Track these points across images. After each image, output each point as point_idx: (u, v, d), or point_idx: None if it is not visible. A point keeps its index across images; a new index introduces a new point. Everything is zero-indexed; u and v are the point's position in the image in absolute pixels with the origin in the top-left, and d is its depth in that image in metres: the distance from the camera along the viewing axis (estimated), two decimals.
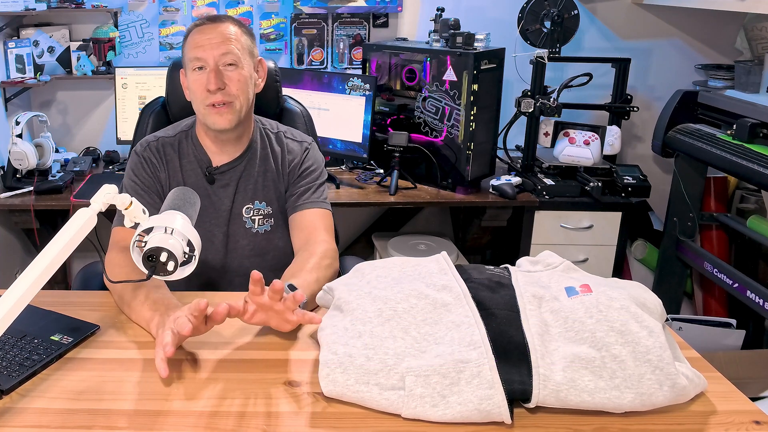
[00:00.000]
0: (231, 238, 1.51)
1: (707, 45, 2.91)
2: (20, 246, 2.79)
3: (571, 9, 2.51)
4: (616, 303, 1.01)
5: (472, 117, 2.34)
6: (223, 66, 1.40)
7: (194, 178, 1.49)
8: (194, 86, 1.41)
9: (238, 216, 1.51)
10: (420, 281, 1.09)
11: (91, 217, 1.00)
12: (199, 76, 1.40)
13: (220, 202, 1.50)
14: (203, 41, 1.40)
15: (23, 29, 2.69)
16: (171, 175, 1.49)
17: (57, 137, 2.79)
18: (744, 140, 2.20)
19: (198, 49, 1.40)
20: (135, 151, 1.51)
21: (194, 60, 1.40)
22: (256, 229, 1.51)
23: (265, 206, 1.52)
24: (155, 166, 1.48)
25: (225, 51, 1.39)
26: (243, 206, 1.51)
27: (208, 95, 1.39)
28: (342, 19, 2.84)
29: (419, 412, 0.91)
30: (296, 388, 1.00)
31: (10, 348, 1.08)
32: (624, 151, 2.96)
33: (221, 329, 1.13)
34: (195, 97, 1.43)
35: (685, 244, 2.61)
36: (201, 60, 1.40)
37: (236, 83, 1.41)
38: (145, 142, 1.51)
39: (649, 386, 0.92)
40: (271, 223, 1.53)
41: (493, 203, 2.45)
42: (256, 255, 1.52)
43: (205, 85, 1.39)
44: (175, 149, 1.50)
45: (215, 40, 1.40)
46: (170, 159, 1.49)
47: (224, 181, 1.50)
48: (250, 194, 1.51)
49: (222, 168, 1.50)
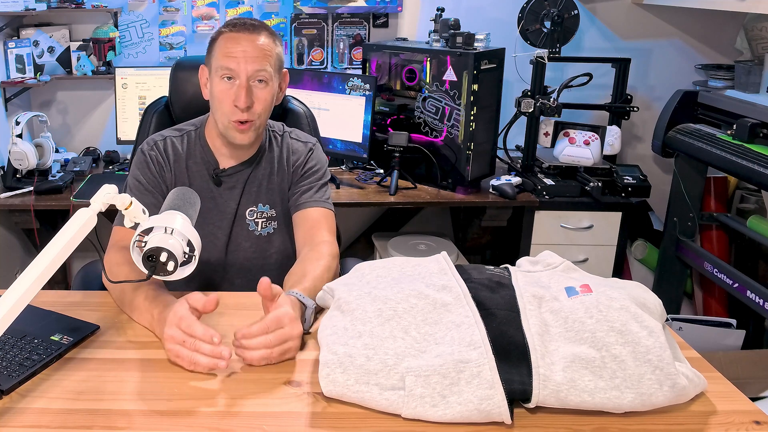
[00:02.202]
0: (233, 240, 1.51)
1: (707, 45, 2.91)
2: (20, 246, 2.79)
3: (571, 9, 2.51)
4: (616, 303, 1.00)
5: (472, 117, 2.34)
6: (253, 82, 1.36)
7: (200, 179, 1.48)
8: (221, 96, 1.37)
9: (242, 218, 1.50)
10: (420, 281, 1.09)
11: (91, 217, 1.00)
12: (227, 88, 1.36)
13: (225, 204, 1.49)
14: (237, 52, 1.35)
15: (23, 29, 2.69)
16: (177, 176, 1.47)
17: (57, 137, 2.79)
18: (744, 140, 2.20)
19: (230, 60, 1.35)
20: (141, 150, 1.48)
21: (224, 69, 1.36)
22: (259, 232, 1.51)
23: (269, 209, 1.51)
24: (161, 166, 1.46)
25: (259, 68, 1.35)
26: (247, 209, 1.50)
27: (235, 111, 1.36)
28: (342, 19, 2.85)
29: (419, 412, 0.91)
30: (296, 388, 1.00)
31: (10, 348, 1.08)
32: (624, 151, 2.96)
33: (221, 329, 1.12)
34: (220, 106, 1.39)
35: (685, 244, 2.61)
36: (232, 72, 1.35)
37: (263, 102, 1.38)
38: (152, 141, 1.48)
39: (649, 386, 0.92)
40: (274, 225, 1.52)
41: (493, 203, 2.45)
42: (257, 256, 1.52)
43: (233, 100, 1.36)
44: (182, 149, 1.48)
45: (251, 53, 1.35)
46: (177, 159, 1.47)
47: (231, 184, 1.49)
48: (254, 197, 1.50)
49: (229, 171, 1.48)
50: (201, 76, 1.47)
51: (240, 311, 1.23)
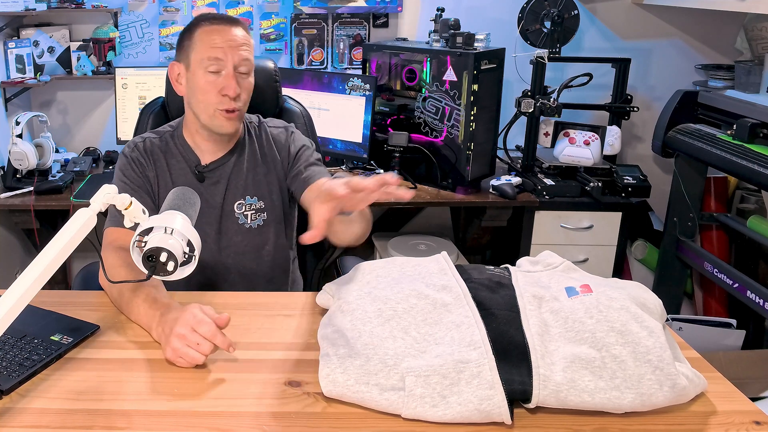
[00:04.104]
0: (224, 236, 1.51)
1: (707, 45, 2.91)
2: (20, 246, 2.79)
3: (571, 9, 2.51)
4: (617, 303, 1.00)
5: (472, 117, 2.34)
6: (238, 72, 1.39)
7: (183, 177, 1.49)
8: (207, 87, 1.39)
9: (230, 213, 1.51)
10: (420, 281, 1.09)
11: (91, 217, 1.00)
12: (214, 78, 1.39)
13: (211, 200, 1.50)
14: (222, 43, 1.38)
15: (23, 29, 2.69)
16: (159, 175, 1.49)
17: (57, 137, 2.79)
18: (744, 140, 2.20)
19: (217, 50, 1.38)
20: (123, 153, 1.51)
21: (211, 60, 1.38)
22: (249, 225, 1.51)
23: (257, 201, 1.52)
24: (143, 166, 1.48)
25: (245, 57, 1.39)
26: (234, 202, 1.51)
27: (223, 100, 1.39)
28: (342, 19, 2.84)
29: (419, 412, 0.91)
30: (296, 388, 1.00)
31: (10, 348, 1.08)
32: (624, 151, 2.96)
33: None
34: (205, 98, 1.40)
35: (685, 244, 2.61)
36: (219, 62, 1.38)
37: (247, 92, 1.42)
38: (132, 144, 1.51)
39: (649, 386, 0.92)
40: (264, 217, 1.53)
41: (493, 203, 2.45)
42: (251, 251, 1.52)
43: (219, 90, 1.38)
44: (162, 149, 1.51)
45: (235, 43, 1.38)
46: (157, 159, 1.50)
47: (214, 179, 1.50)
48: (241, 190, 1.51)
49: (211, 166, 1.50)
50: (171, 73, 1.48)
51: (238, 311, 1.23)
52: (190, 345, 1.04)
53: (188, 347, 1.04)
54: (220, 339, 1.04)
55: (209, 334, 1.04)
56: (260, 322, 1.21)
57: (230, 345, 1.05)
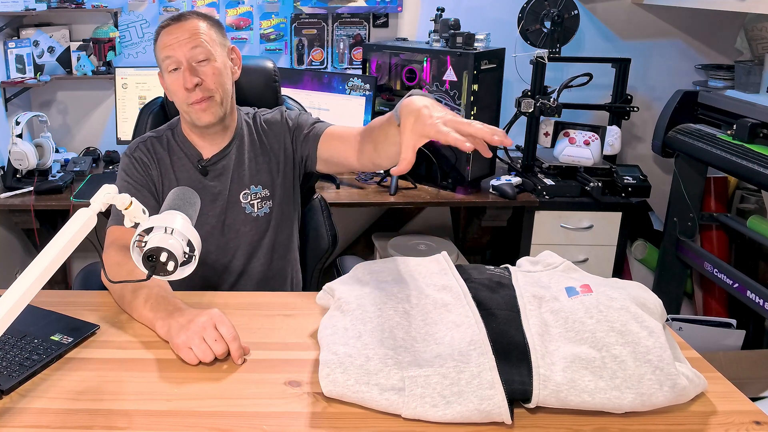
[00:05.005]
0: (231, 226, 1.52)
1: (707, 45, 2.91)
2: (20, 246, 2.79)
3: (571, 9, 2.51)
4: (617, 303, 1.01)
5: (472, 117, 2.34)
6: (196, 63, 1.41)
7: (187, 173, 1.51)
8: (173, 87, 1.44)
9: (236, 203, 1.52)
10: (420, 281, 1.09)
11: (91, 217, 1.00)
12: (176, 77, 1.42)
13: (216, 193, 1.51)
14: (171, 41, 1.41)
15: (23, 29, 2.69)
16: (163, 173, 1.51)
17: (57, 137, 2.79)
18: (744, 140, 2.20)
19: (167, 49, 1.42)
20: (126, 153, 1.52)
21: (166, 61, 1.42)
22: (256, 213, 1.53)
23: (262, 189, 1.53)
24: (146, 165, 1.50)
25: (194, 46, 1.41)
26: (240, 192, 1.52)
27: (188, 94, 1.41)
28: (342, 19, 2.84)
29: (419, 412, 0.91)
30: (296, 388, 1.00)
31: (10, 348, 1.08)
32: (624, 151, 2.96)
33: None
34: (176, 98, 1.45)
35: (685, 244, 2.61)
36: (173, 60, 1.41)
37: (212, 77, 1.42)
38: (134, 144, 1.53)
39: (649, 386, 0.92)
40: (270, 204, 1.54)
41: (493, 203, 2.45)
42: (258, 239, 1.53)
43: (182, 85, 1.41)
44: (164, 147, 1.52)
45: (183, 37, 1.41)
46: (161, 157, 1.51)
47: (218, 171, 1.51)
48: (246, 180, 1.52)
49: (213, 159, 1.51)
50: (161, 83, 1.51)
51: (238, 311, 1.23)
52: (206, 339, 1.05)
53: (203, 341, 1.05)
54: (237, 345, 1.06)
55: (229, 336, 1.06)
56: (260, 322, 1.21)
57: (241, 356, 1.06)
